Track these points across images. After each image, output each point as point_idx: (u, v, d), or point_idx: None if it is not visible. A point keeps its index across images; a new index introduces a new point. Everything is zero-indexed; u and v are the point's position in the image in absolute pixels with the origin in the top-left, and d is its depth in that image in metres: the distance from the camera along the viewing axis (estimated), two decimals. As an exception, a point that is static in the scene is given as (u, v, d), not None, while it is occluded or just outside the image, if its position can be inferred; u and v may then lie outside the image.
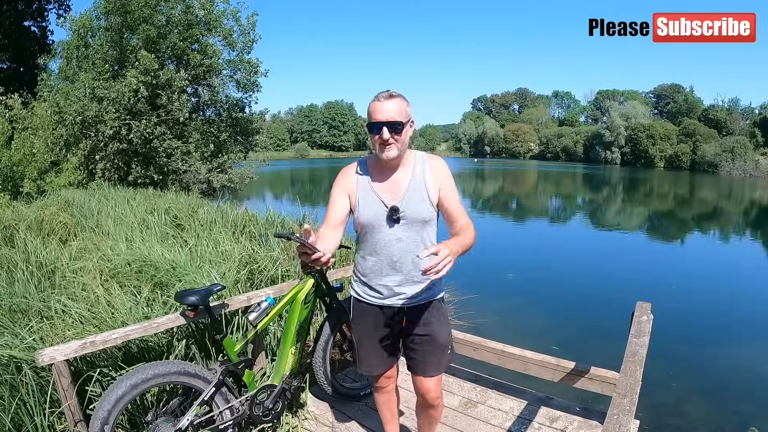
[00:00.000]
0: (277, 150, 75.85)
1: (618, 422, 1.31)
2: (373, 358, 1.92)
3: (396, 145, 1.67)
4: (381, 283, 1.79)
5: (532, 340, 4.32)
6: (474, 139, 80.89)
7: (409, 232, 1.73)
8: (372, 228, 1.75)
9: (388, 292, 1.79)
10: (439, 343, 1.83)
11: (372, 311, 1.85)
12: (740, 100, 63.79)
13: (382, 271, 1.77)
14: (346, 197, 1.78)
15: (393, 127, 1.64)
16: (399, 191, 1.73)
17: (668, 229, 15.83)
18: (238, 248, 4.25)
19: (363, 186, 1.78)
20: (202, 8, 13.94)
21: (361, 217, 1.76)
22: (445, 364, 1.89)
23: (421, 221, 1.73)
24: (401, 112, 1.66)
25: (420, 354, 1.84)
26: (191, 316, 2.22)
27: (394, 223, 1.72)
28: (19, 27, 19.99)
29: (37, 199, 8.53)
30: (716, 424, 3.92)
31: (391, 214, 1.71)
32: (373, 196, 1.75)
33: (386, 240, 1.74)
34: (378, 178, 1.77)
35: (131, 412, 2.28)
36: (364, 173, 1.80)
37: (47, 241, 4.49)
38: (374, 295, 1.82)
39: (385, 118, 1.63)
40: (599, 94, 78.43)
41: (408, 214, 1.71)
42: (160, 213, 6.34)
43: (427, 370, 1.85)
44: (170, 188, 12.72)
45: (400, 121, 1.65)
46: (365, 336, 1.90)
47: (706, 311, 6.80)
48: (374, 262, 1.78)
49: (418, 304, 1.80)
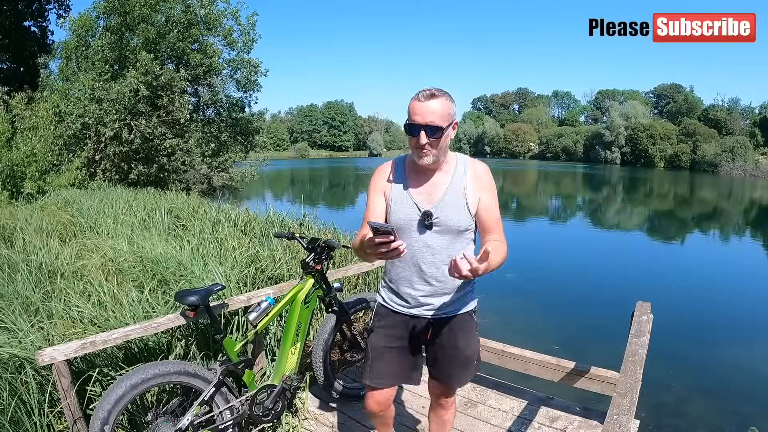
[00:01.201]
0: (277, 150, 75.90)
1: (618, 422, 1.31)
2: (387, 370, 1.76)
3: (433, 152, 1.54)
4: (408, 291, 1.69)
5: (532, 340, 4.32)
6: (474, 139, 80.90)
7: (440, 240, 1.61)
8: (402, 232, 1.60)
9: (415, 302, 1.69)
10: (465, 356, 1.73)
11: (396, 319, 1.74)
12: (740, 100, 64.02)
13: (410, 279, 1.67)
14: (382, 197, 1.68)
15: (431, 131, 1.49)
16: (435, 196, 1.61)
17: (668, 228, 15.83)
18: (241, 247, 4.25)
19: (398, 187, 1.66)
20: (201, 8, 13.94)
21: (393, 219, 1.65)
22: (469, 377, 1.82)
23: (456, 230, 1.61)
24: (443, 115, 1.50)
25: (445, 365, 1.75)
26: (191, 316, 2.22)
27: (426, 229, 1.60)
28: (19, 27, 19.99)
29: (37, 199, 8.52)
30: (716, 423, 3.92)
31: (424, 219, 1.59)
32: (407, 198, 1.63)
33: (416, 246, 1.62)
34: (414, 179, 1.65)
35: (131, 412, 2.28)
36: (400, 173, 1.68)
37: (48, 241, 4.48)
38: (400, 303, 1.72)
39: (424, 120, 1.49)
40: (599, 94, 78.50)
41: (442, 221, 1.59)
42: (163, 212, 6.34)
43: (450, 381, 1.79)
44: (171, 188, 12.74)
45: (440, 126, 1.49)
46: (384, 345, 1.75)
47: (706, 311, 6.80)
48: (402, 269, 1.68)
49: (445, 316, 1.70)
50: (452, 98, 1.55)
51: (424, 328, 1.72)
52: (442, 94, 1.52)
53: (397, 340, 1.74)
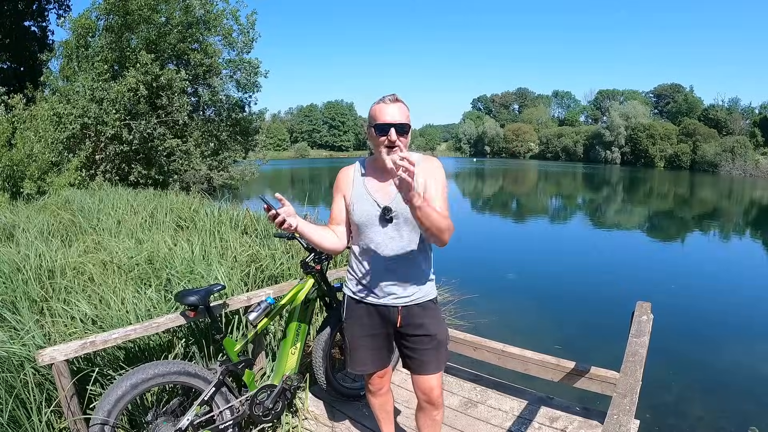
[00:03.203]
0: (277, 150, 75.96)
1: (618, 422, 1.31)
2: (366, 357, 1.92)
3: (401, 148, 1.68)
4: (375, 282, 1.80)
5: (532, 340, 4.32)
6: (474, 139, 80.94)
7: (401, 231, 1.75)
8: (365, 228, 1.77)
9: (382, 292, 1.80)
10: (437, 341, 1.83)
11: (366, 310, 1.86)
12: (740, 100, 64.03)
13: (376, 269, 1.79)
14: (341, 197, 1.84)
15: (401, 128, 1.67)
16: (392, 191, 1.73)
17: (668, 228, 15.82)
18: (243, 247, 4.25)
19: (358, 186, 1.81)
20: (201, 7, 13.93)
21: (354, 217, 1.79)
22: (443, 361, 1.90)
23: (413, 222, 1.69)
24: (407, 116, 1.70)
25: (418, 353, 1.84)
26: (191, 316, 2.22)
27: (387, 223, 1.74)
28: (20, 27, 19.98)
29: (38, 199, 8.52)
30: (716, 423, 3.92)
31: (384, 214, 1.73)
32: (367, 196, 1.78)
33: (379, 240, 1.76)
34: (373, 178, 1.80)
35: (131, 412, 2.28)
36: (360, 174, 1.84)
37: (49, 240, 4.48)
38: (369, 294, 1.83)
39: (393, 119, 1.66)
40: (599, 94, 78.58)
41: (400, 214, 1.72)
42: (165, 212, 6.35)
43: (428, 369, 1.85)
44: (171, 188, 12.72)
45: (407, 123, 1.69)
46: (358, 335, 1.90)
47: (706, 311, 6.80)
48: (368, 261, 1.80)
49: (411, 303, 1.81)
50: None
51: (393, 317, 1.82)
52: (401, 99, 1.73)
53: (370, 328, 1.87)
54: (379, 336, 1.88)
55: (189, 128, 14.33)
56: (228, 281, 3.25)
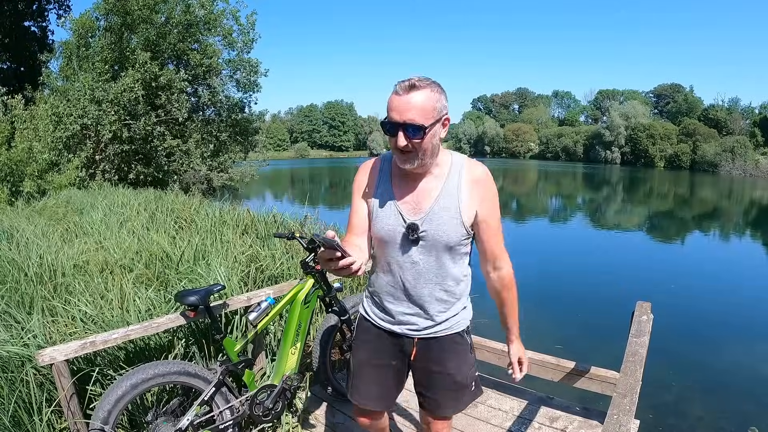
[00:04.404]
0: (277, 150, 75.99)
1: (618, 422, 1.31)
2: (369, 391, 1.58)
3: (415, 154, 1.29)
4: (390, 307, 1.49)
5: (532, 340, 4.31)
6: (474, 139, 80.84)
7: (428, 257, 1.39)
8: (386, 245, 1.42)
9: (398, 319, 1.49)
10: (456, 382, 1.52)
11: (377, 335, 1.54)
12: (740, 100, 64.08)
13: (394, 294, 1.47)
14: (364, 200, 1.47)
15: (411, 131, 1.24)
16: (423, 206, 1.37)
17: (668, 228, 15.82)
18: (243, 247, 4.25)
19: (381, 191, 1.43)
20: (201, 7, 13.94)
21: (375, 229, 1.43)
22: (465, 402, 1.60)
23: (445, 246, 1.38)
24: (425, 110, 1.24)
25: (431, 392, 1.55)
26: (191, 316, 2.22)
27: (412, 243, 1.38)
28: (20, 27, 19.98)
29: (38, 199, 8.53)
30: (716, 423, 3.92)
31: (409, 232, 1.36)
32: (392, 206, 1.40)
33: (400, 261, 1.41)
34: (400, 184, 1.41)
35: (131, 412, 2.28)
36: (385, 175, 1.44)
37: (49, 240, 4.48)
38: (383, 318, 1.53)
39: (402, 118, 1.24)
40: (599, 94, 78.56)
41: (429, 235, 1.36)
42: (165, 212, 6.34)
43: (443, 411, 1.58)
44: (171, 188, 12.72)
45: (421, 124, 1.23)
46: (365, 361, 1.59)
47: (706, 311, 6.80)
48: (386, 281, 1.47)
49: (429, 336, 1.49)
50: (440, 88, 1.28)
51: (408, 349, 1.52)
52: (425, 84, 1.24)
53: (380, 356, 1.55)
54: (389, 369, 1.55)
55: (188, 128, 14.34)
56: (228, 281, 3.24)
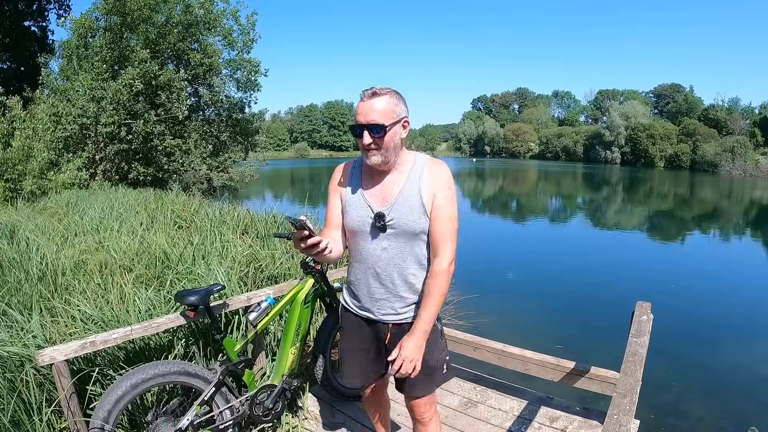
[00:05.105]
0: (277, 150, 76.05)
1: (618, 422, 1.31)
2: (355, 371, 1.81)
3: (378, 152, 1.49)
4: (365, 293, 1.66)
5: (532, 340, 4.32)
6: (474, 139, 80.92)
7: (396, 242, 1.57)
8: (357, 235, 1.61)
9: (373, 306, 1.66)
10: (428, 366, 1.63)
11: (356, 322, 1.73)
12: (740, 100, 64.04)
13: (367, 281, 1.64)
14: (338, 198, 1.67)
15: (374, 130, 1.46)
16: (388, 197, 1.56)
17: (668, 228, 15.83)
18: (243, 247, 4.25)
19: (352, 188, 1.63)
20: (201, 7, 13.94)
21: (347, 222, 1.62)
22: (436, 384, 1.73)
23: (411, 232, 1.55)
24: (385, 113, 1.46)
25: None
26: (191, 316, 2.22)
27: (380, 231, 1.56)
28: (20, 27, 19.98)
29: (38, 199, 8.53)
30: (716, 423, 3.92)
31: (377, 221, 1.55)
32: (361, 200, 1.60)
33: (370, 249, 1.59)
34: (369, 180, 1.61)
35: (131, 412, 2.28)
36: (356, 174, 1.65)
37: (50, 239, 4.48)
38: (359, 306, 1.71)
39: (366, 120, 1.46)
40: (599, 94, 78.56)
41: (396, 223, 1.54)
42: (165, 212, 6.34)
43: (414, 392, 1.70)
44: (170, 188, 12.73)
45: (381, 124, 1.45)
46: (349, 347, 1.79)
47: (706, 311, 6.80)
48: (360, 270, 1.66)
49: (402, 322, 1.64)
50: (399, 95, 1.51)
51: (382, 334, 1.68)
52: (385, 92, 1.48)
53: (360, 342, 1.74)
54: (370, 351, 1.75)
55: (188, 128, 14.34)
56: (228, 281, 3.24)
